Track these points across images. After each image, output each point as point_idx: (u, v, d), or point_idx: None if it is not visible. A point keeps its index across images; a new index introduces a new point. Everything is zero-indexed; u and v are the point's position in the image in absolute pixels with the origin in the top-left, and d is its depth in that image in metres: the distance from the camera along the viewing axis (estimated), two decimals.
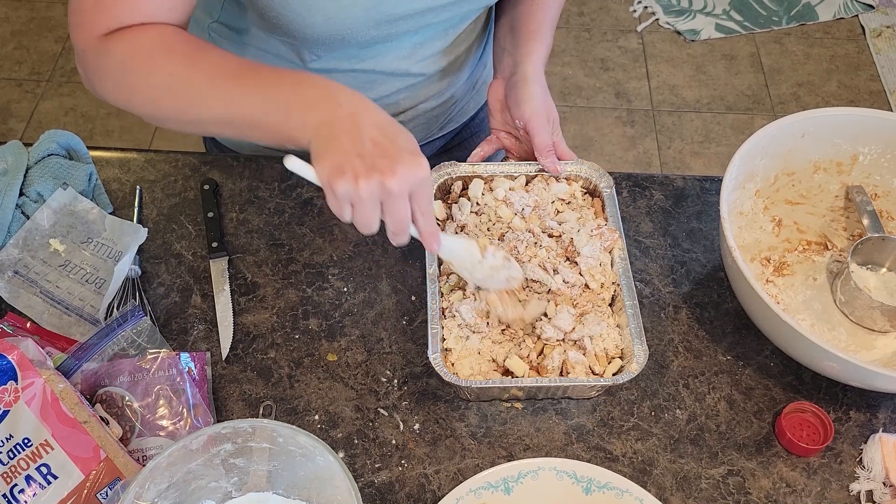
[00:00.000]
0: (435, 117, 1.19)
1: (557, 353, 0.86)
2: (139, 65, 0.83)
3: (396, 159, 0.73)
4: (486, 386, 0.84)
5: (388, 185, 0.72)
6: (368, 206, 0.74)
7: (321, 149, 0.75)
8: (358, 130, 0.74)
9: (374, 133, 0.74)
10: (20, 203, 1.00)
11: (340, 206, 0.75)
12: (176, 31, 0.85)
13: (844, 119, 0.99)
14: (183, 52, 0.83)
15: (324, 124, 0.75)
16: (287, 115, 0.78)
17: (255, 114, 0.79)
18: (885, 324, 0.96)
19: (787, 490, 0.85)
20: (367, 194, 0.73)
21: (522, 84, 0.98)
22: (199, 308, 0.97)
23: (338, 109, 0.76)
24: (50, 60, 2.66)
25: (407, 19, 0.95)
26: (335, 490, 0.74)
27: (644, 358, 0.83)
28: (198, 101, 0.81)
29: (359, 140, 0.74)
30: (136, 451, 0.83)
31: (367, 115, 0.76)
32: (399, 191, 0.73)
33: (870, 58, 2.73)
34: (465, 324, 0.88)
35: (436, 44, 1.04)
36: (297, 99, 0.77)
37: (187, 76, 0.81)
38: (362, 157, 0.73)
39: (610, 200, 0.97)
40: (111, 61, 0.84)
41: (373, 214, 0.75)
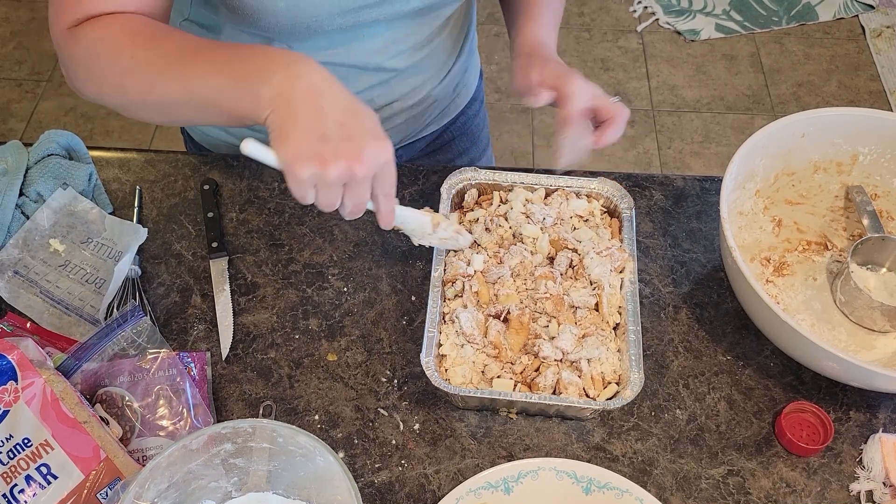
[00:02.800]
0: (413, 118, 1.18)
1: (551, 372, 0.85)
2: (104, 51, 0.81)
3: (362, 144, 0.71)
4: (476, 395, 0.83)
5: (354, 171, 0.71)
6: (332, 189, 0.73)
7: (281, 128, 0.72)
8: (320, 110, 0.71)
9: (337, 113, 0.72)
10: (20, 203, 1.00)
11: (304, 190, 0.73)
12: (140, 19, 0.84)
13: (844, 119, 0.99)
14: (145, 34, 0.82)
15: (281, 98, 0.72)
16: (242, 87, 0.74)
17: (210, 90, 0.76)
18: (885, 324, 0.96)
19: (787, 490, 0.85)
20: (333, 179, 0.71)
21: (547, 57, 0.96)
22: (199, 308, 0.97)
23: (296, 82, 0.72)
24: (50, 60, 2.66)
25: (374, 7, 0.94)
26: (335, 490, 0.74)
27: (639, 386, 0.83)
28: (158, 82, 0.79)
29: (321, 121, 0.71)
30: (136, 451, 0.83)
31: (330, 93, 0.73)
32: (365, 176, 0.72)
33: (870, 58, 2.73)
34: (462, 332, 0.87)
35: (409, 38, 1.04)
36: (252, 68, 0.74)
37: (147, 57, 0.80)
38: (326, 140, 0.71)
39: (628, 223, 0.96)
40: (80, 50, 0.83)
41: (336, 196, 0.74)
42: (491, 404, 0.88)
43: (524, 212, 0.96)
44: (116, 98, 0.84)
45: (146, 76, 0.80)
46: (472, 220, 0.97)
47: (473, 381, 0.86)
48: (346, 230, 1.03)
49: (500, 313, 0.89)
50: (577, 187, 0.98)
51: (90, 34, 0.82)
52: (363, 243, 1.02)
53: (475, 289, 0.90)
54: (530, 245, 0.94)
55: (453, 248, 0.93)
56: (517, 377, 0.86)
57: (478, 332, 0.87)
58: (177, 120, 0.91)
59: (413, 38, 1.04)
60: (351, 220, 0.80)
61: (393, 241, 1.02)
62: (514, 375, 0.86)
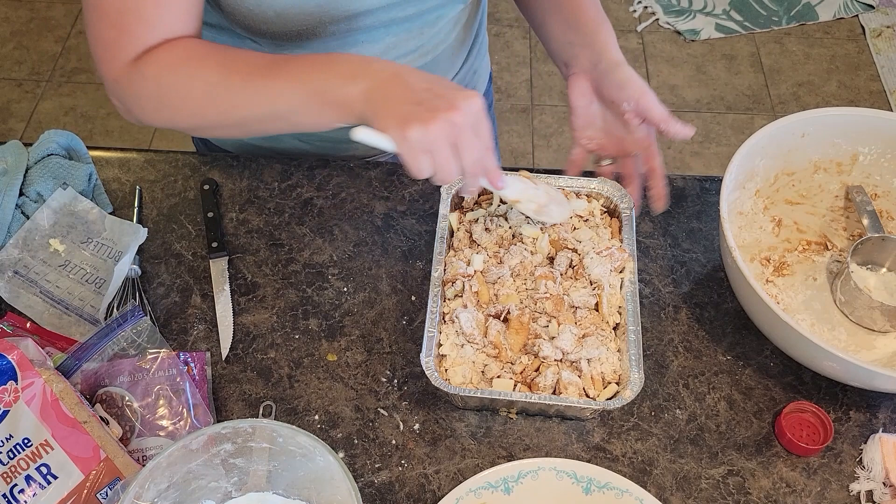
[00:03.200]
0: None
1: (551, 372, 0.85)
2: (176, 81, 0.84)
3: (452, 96, 0.75)
4: (475, 395, 0.83)
5: (454, 119, 0.74)
6: (443, 148, 0.76)
7: (378, 111, 0.77)
8: (406, 84, 0.77)
9: (421, 83, 0.77)
10: (20, 203, 1.00)
11: (417, 157, 0.76)
12: (198, 42, 0.87)
13: (844, 119, 0.99)
14: (214, 58, 0.84)
15: (371, 90, 0.77)
16: (328, 94, 0.79)
17: (295, 102, 0.81)
18: (885, 324, 0.96)
19: (787, 490, 0.85)
20: (438, 135, 0.74)
21: (618, 68, 0.94)
22: (199, 308, 0.97)
23: (379, 74, 0.78)
24: (50, 60, 2.66)
25: (367, 15, 0.94)
26: (335, 490, 0.74)
27: (639, 386, 0.83)
28: (240, 101, 0.83)
29: (410, 91, 0.76)
30: (136, 451, 0.83)
31: (409, 72, 0.78)
32: (464, 122, 0.75)
33: (870, 58, 2.73)
34: (462, 332, 0.87)
35: (409, 42, 1.03)
36: (335, 76, 0.79)
37: (225, 81, 0.83)
38: (420, 103, 0.75)
39: (628, 223, 0.95)
40: (148, 84, 0.85)
41: (450, 158, 0.77)
42: (491, 404, 0.88)
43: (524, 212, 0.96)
44: (193, 122, 0.88)
45: (227, 98, 0.83)
46: (472, 220, 0.97)
47: (473, 381, 0.86)
48: (346, 230, 1.03)
49: (500, 313, 0.89)
50: (578, 187, 0.98)
51: (155, 66, 0.84)
52: (363, 243, 1.02)
53: (475, 289, 0.90)
54: (530, 245, 0.94)
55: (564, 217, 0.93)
56: (517, 377, 0.86)
57: (478, 332, 0.87)
58: (255, 132, 0.92)
59: (414, 42, 1.03)
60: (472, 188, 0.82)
61: (393, 240, 1.02)
62: (514, 375, 0.86)
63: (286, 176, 1.08)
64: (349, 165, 1.09)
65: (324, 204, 1.05)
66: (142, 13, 0.84)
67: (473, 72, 1.22)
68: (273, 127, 0.87)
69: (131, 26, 0.84)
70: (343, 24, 0.94)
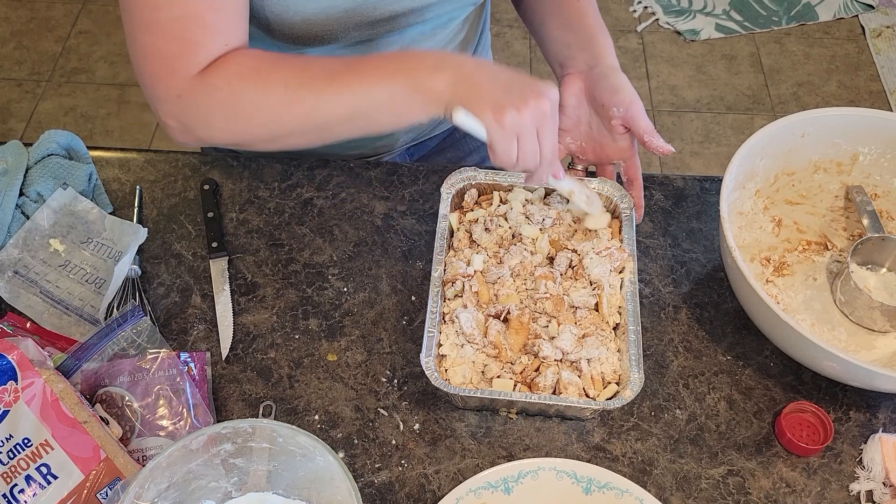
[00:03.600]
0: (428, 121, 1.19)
1: (551, 373, 0.85)
2: (250, 87, 0.83)
3: (536, 86, 0.80)
4: (476, 395, 0.83)
5: (542, 107, 0.79)
6: (531, 134, 0.80)
7: (470, 99, 0.79)
8: (492, 74, 0.81)
9: (504, 74, 0.81)
10: (20, 203, 1.00)
11: (509, 142, 0.80)
12: (260, 51, 0.87)
13: (844, 119, 0.99)
14: (287, 62, 0.85)
15: (458, 80, 0.80)
16: (419, 85, 0.81)
17: (380, 100, 0.82)
18: (885, 324, 0.96)
19: (787, 490, 0.85)
20: (530, 120, 0.79)
21: (613, 73, 0.95)
22: (199, 308, 0.97)
23: (463, 66, 0.81)
24: (50, 60, 2.66)
25: (389, 21, 0.96)
26: (335, 490, 0.74)
27: (639, 386, 0.83)
28: (323, 102, 0.83)
29: (498, 81, 0.80)
30: (136, 451, 0.83)
31: (488, 63, 0.83)
32: (548, 110, 0.80)
33: (870, 58, 2.73)
34: (462, 332, 0.87)
35: (421, 44, 1.05)
36: (420, 69, 0.81)
37: (307, 83, 0.83)
38: (509, 91, 0.79)
39: (628, 222, 0.95)
40: (219, 94, 0.84)
41: (535, 144, 0.81)
42: (491, 404, 0.88)
43: (524, 212, 0.96)
44: (269, 130, 0.86)
45: (309, 99, 0.83)
46: (472, 221, 0.97)
47: (473, 381, 0.86)
48: (346, 230, 1.03)
49: (500, 313, 0.89)
50: None
51: (222, 76, 0.83)
52: (363, 243, 1.02)
53: (475, 289, 0.90)
54: (530, 245, 0.94)
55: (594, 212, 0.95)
56: (517, 377, 0.86)
57: (478, 332, 0.87)
58: (333, 136, 0.90)
59: (426, 44, 1.05)
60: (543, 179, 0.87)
61: (393, 240, 1.02)
62: (514, 375, 0.86)
63: (286, 176, 1.08)
64: (349, 165, 1.09)
65: (324, 204, 1.05)
66: (203, 20, 0.82)
67: None
68: (354, 127, 0.86)
69: (194, 36, 0.82)
70: (366, 29, 0.96)
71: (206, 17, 0.82)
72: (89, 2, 2.82)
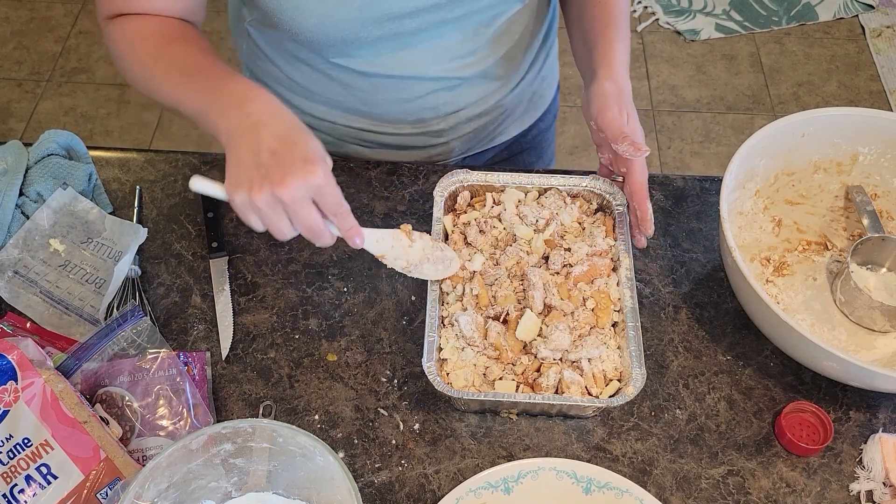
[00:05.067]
0: (482, 126, 1.15)
1: (553, 373, 0.85)
2: (121, 52, 0.91)
3: (288, 169, 0.75)
4: (479, 399, 0.83)
5: (279, 195, 0.75)
6: (270, 214, 0.77)
7: (228, 162, 0.79)
8: (257, 142, 0.77)
9: (273, 143, 0.77)
10: (20, 203, 1.00)
11: (244, 216, 0.79)
12: (161, 22, 0.91)
13: (844, 119, 0.99)
14: (153, 44, 0.89)
15: (230, 135, 0.79)
16: (211, 117, 0.82)
17: (191, 111, 0.85)
18: (885, 324, 0.96)
19: (787, 490, 0.85)
20: (262, 204, 0.76)
21: (595, 85, 0.92)
22: (199, 308, 0.97)
23: (244, 120, 0.79)
24: (50, 60, 2.66)
25: (411, 17, 0.93)
26: (335, 490, 0.74)
27: (642, 382, 0.83)
28: (157, 91, 0.89)
29: (256, 152, 0.77)
30: (136, 451, 0.83)
31: (270, 125, 0.78)
32: (292, 198, 0.75)
33: (870, 58, 2.73)
34: (462, 335, 0.87)
35: (464, 45, 1.01)
36: (217, 103, 0.81)
37: (149, 69, 0.89)
38: (258, 168, 0.76)
39: (621, 219, 0.95)
40: (108, 42, 0.93)
41: (279, 222, 0.78)
42: (494, 406, 0.88)
43: (517, 213, 0.96)
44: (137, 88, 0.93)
45: (149, 85, 0.89)
46: (466, 223, 0.97)
47: (475, 383, 0.86)
48: None
49: (500, 315, 0.89)
50: (570, 186, 0.98)
51: (114, 31, 0.92)
52: None
53: (475, 291, 0.90)
54: (525, 246, 0.94)
55: (444, 274, 0.90)
56: (519, 378, 0.86)
57: (477, 334, 0.87)
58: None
59: (469, 45, 1.01)
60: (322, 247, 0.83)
61: None
62: (515, 376, 0.86)
63: None
64: (349, 165, 1.09)
65: None
66: None
67: (542, 79, 1.19)
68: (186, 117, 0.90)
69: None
70: (388, 26, 0.93)
71: None
72: (89, 2, 2.82)
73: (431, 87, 1.04)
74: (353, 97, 1.06)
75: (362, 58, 0.99)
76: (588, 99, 0.93)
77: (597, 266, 0.91)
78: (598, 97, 0.91)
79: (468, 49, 1.02)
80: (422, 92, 1.05)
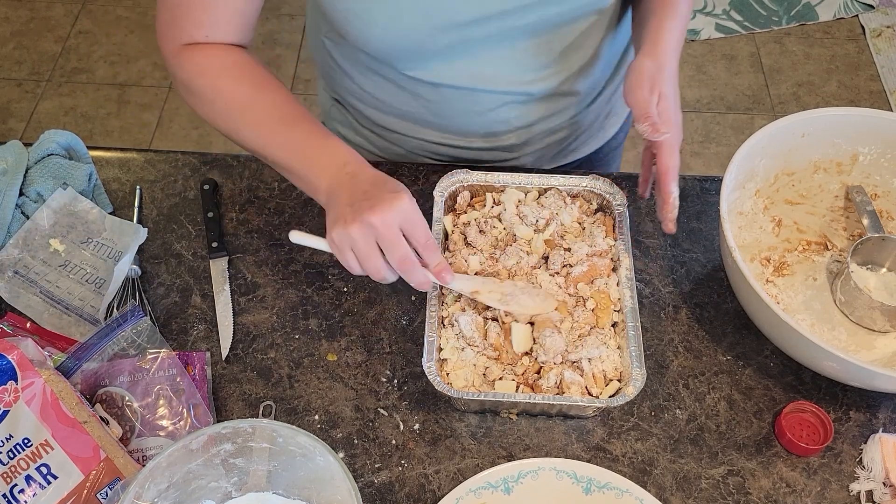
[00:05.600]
0: (556, 142, 1.13)
1: (553, 375, 0.85)
2: (203, 88, 0.91)
3: (377, 199, 0.80)
4: (479, 399, 0.83)
5: (371, 221, 0.78)
6: (364, 247, 0.80)
7: (328, 214, 0.83)
8: (353, 187, 0.82)
9: (365, 186, 0.82)
10: (20, 203, 1.00)
11: (341, 254, 0.82)
12: (239, 59, 0.92)
13: (844, 119, 0.99)
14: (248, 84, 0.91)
15: (330, 188, 0.84)
16: (304, 173, 0.87)
17: (281, 161, 0.89)
18: (885, 324, 0.96)
19: (787, 490, 0.85)
20: (356, 234, 0.79)
21: (634, 62, 0.90)
22: (199, 308, 0.97)
23: (339, 174, 0.84)
24: (50, 60, 2.66)
25: (480, 24, 0.90)
26: (335, 490, 0.74)
27: (642, 382, 0.83)
28: (243, 134, 0.91)
29: (352, 194, 0.82)
30: (136, 451, 0.83)
31: (364, 174, 0.84)
32: (382, 222, 0.79)
33: (870, 58, 2.73)
34: (462, 335, 0.87)
35: (538, 58, 0.97)
36: (316, 166, 0.86)
37: (237, 111, 0.91)
38: (352, 205, 0.80)
39: (621, 219, 0.95)
40: (182, 74, 0.92)
41: (372, 255, 0.80)
42: (494, 407, 0.88)
43: (517, 213, 0.96)
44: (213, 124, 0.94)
45: (236, 124, 0.91)
46: (465, 223, 0.97)
47: (475, 384, 0.86)
48: None
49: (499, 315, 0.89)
50: (570, 186, 0.98)
51: (190, 63, 0.91)
52: None
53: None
54: (525, 246, 0.94)
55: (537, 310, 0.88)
56: (519, 378, 0.86)
57: (477, 334, 0.87)
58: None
59: (544, 58, 0.98)
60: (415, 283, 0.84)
61: None
62: (515, 377, 0.86)
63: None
64: None
65: None
66: (191, 10, 0.90)
67: (619, 96, 1.15)
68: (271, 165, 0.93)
69: (181, 19, 0.91)
70: (454, 34, 0.91)
71: (194, 9, 0.90)
72: (89, 2, 2.82)
73: (502, 100, 1.02)
74: (424, 109, 1.04)
75: (432, 68, 0.97)
76: (625, 76, 0.91)
77: (597, 266, 0.91)
78: (634, 74, 0.89)
79: (540, 62, 0.98)
80: (492, 104, 1.02)
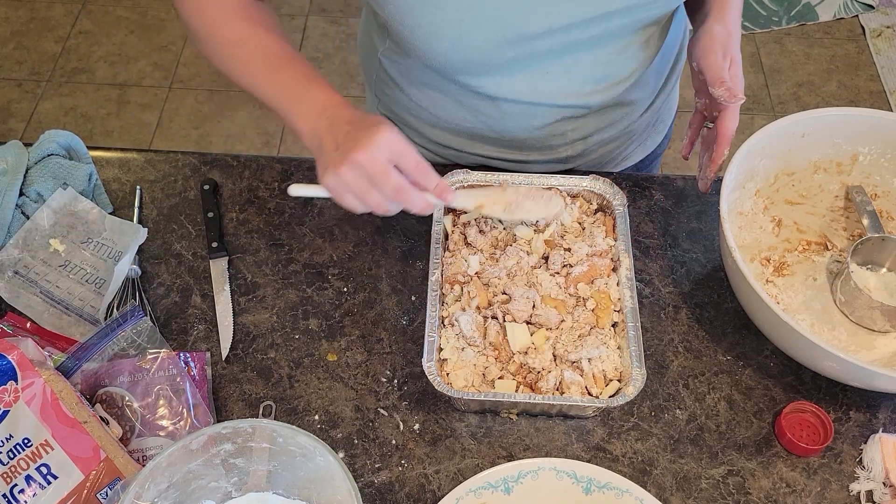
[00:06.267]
0: (609, 151, 1.12)
1: (553, 377, 0.85)
2: (200, 28, 0.92)
3: (359, 137, 0.79)
4: (479, 399, 0.83)
5: (357, 159, 0.78)
6: (359, 185, 0.80)
7: (316, 158, 0.84)
8: (334, 130, 0.82)
9: (346, 126, 0.82)
10: (20, 203, 1.00)
11: (341, 198, 0.82)
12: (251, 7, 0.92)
13: (844, 119, 0.99)
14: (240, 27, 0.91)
15: (311, 134, 0.84)
16: (290, 121, 0.87)
17: (269, 102, 0.89)
18: (885, 324, 0.96)
19: (787, 490, 0.85)
20: (348, 176, 0.80)
21: (705, 25, 0.93)
22: (199, 308, 0.97)
23: (321, 120, 0.84)
24: (50, 60, 2.66)
25: (545, 37, 0.90)
26: (335, 490, 0.74)
27: (642, 382, 0.83)
28: (235, 74, 0.92)
29: (335, 138, 0.82)
30: (136, 451, 0.83)
31: (341, 115, 0.84)
32: (370, 160, 0.79)
33: (870, 58, 2.73)
34: (462, 335, 0.87)
35: (596, 70, 0.97)
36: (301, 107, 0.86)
37: (230, 52, 0.92)
38: (338, 149, 0.81)
39: (621, 220, 0.95)
40: (183, 14, 0.93)
41: (370, 192, 0.81)
42: (494, 406, 0.88)
43: None
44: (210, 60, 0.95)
45: (226, 65, 0.92)
46: (465, 223, 0.97)
47: (475, 384, 0.86)
48: (347, 230, 1.03)
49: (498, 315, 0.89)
50: (570, 186, 0.98)
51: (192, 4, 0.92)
52: (363, 243, 1.02)
53: (473, 294, 0.90)
54: (525, 246, 0.94)
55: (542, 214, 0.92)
56: (519, 378, 0.86)
57: (477, 334, 0.87)
58: None
59: (602, 71, 0.97)
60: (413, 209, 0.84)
61: (393, 240, 1.02)
62: (514, 376, 0.86)
63: (286, 176, 1.08)
64: None
65: (324, 204, 1.05)
66: None
67: (668, 106, 1.17)
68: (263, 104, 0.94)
69: None
70: (521, 47, 0.90)
71: None
72: (89, 2, 2.82)
73: (562, 114, 1.01)
74: (481, 123, 1.03)
75: (493, 83, 0.96)
76: (696, 39, 0.94)
77: (597, 266, 0.91)
78: (705, 38, 0.92)
79: (600, 74, 0.97)
80: (551, 118, 1.01)
